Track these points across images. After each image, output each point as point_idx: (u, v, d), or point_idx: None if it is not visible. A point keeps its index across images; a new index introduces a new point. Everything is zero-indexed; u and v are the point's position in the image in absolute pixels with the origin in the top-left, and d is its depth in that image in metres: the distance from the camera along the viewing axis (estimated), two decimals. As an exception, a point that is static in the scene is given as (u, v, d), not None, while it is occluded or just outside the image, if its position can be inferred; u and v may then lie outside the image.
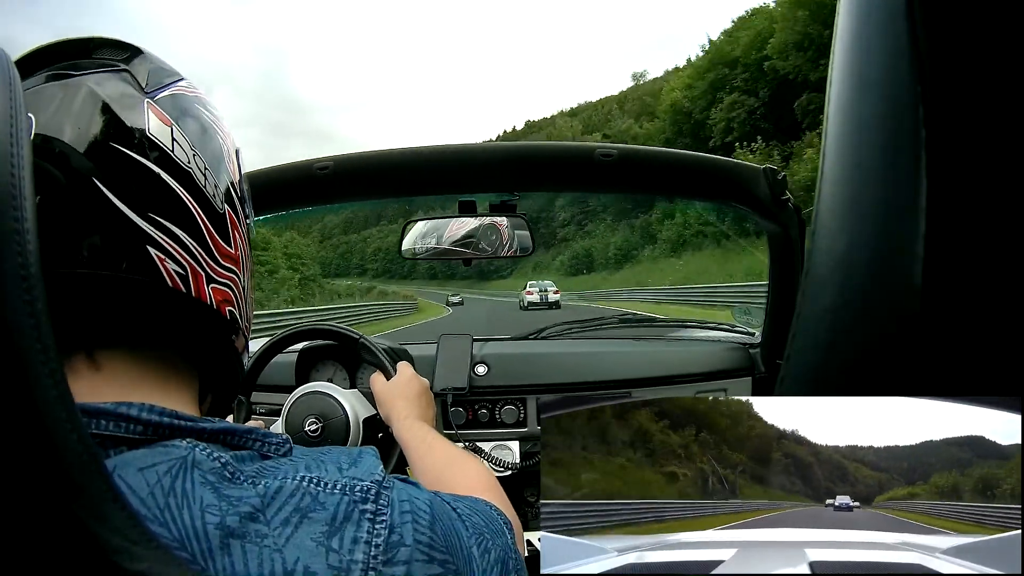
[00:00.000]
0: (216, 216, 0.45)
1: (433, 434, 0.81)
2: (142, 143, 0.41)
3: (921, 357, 0.21)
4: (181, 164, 0.43)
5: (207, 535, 0.33)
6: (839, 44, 0.24)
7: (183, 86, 0.47)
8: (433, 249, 1.17)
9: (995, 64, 0.20)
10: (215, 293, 0.45)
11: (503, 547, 0.49)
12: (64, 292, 0.37)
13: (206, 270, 0.44)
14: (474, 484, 0.62)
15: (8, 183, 0.29)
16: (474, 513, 0.50)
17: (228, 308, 0.47)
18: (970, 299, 0.20)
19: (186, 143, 0.44)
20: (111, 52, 0.44)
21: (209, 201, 0.45)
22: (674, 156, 1.05)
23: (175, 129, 0.43)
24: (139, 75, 0.44)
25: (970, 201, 0.20)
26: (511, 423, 1.18)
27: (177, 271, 0.42)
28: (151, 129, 0.42)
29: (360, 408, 1.01)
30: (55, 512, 0.28)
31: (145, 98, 0.43)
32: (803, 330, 0.25)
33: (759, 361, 1.23)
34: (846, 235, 0.23)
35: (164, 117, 0.43)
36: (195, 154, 0.44)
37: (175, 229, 0.42)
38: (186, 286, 0.42)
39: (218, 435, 0.40)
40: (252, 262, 0.54)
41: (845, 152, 0.24)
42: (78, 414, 0.29)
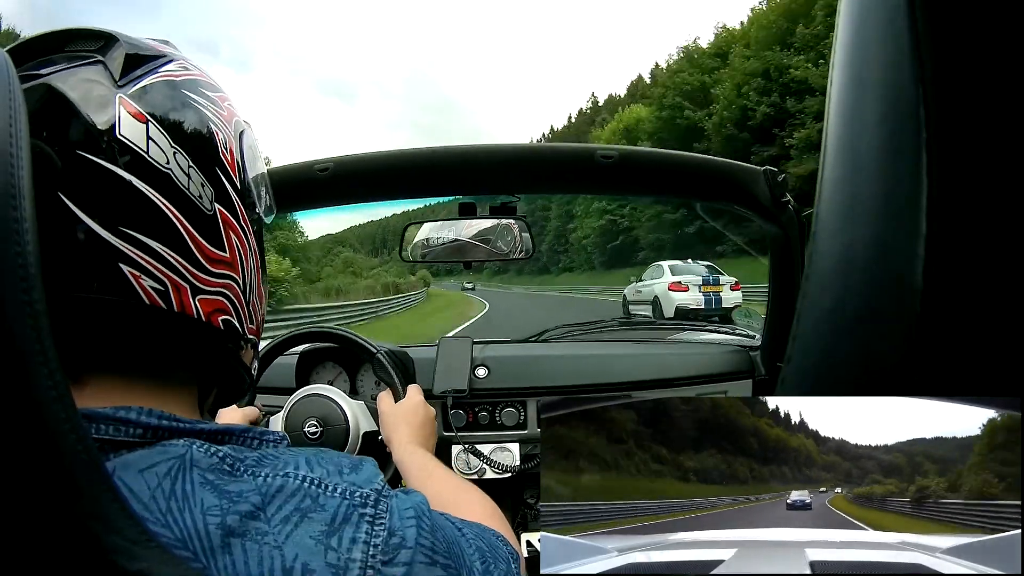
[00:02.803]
0: (203, 219, 0.41)
1: (434, 462, 0.79)
2: (111, 147, 0.37)
3: (921, 357, 0.21)
4: (158, 166, 0.39)
5: (208, 534, 0.33)
6: (839, 44, 0.24)
7: (169, 70, 0.42)
8: (448, 245, 1.15)
9: (995, 65, 0.20)
10: (203, 304, 0.42)
11: (506, 571, 0.48)
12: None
13: (191, 281, 0.40)
14: (477, 513, 0.60)
15: (8, 183, 0.29)
16: (479, 538, 0.49)
17: (222, 318, 0.43)
18: (970, 300, 0.20)
19: (165, 140, 0.39)
20: (84, 43, 0.40)
21: (194, 204, 0.41)
22: (674, 157, 1.05)
23: (151, 125, 0.39)
24: (113, 65, 0.39)
25: (970, 202, 0.20)
26: (511, 425, 1.18)
27: (155, 287, 0.38)
28: (122, 129, 0.37)
29: (363, 420, 1.01)
30: (56, 512, 0.28)
31: (118, 92, 0.38)
32: (803, 332, 0.25)
33: (759, 364, 1.23)
34: (846, 236, 0.23)
35: (138, 112, 0.39)
36: (176, 151, 0.40)
37: (150, 242, 0.38)
38: (166, 302, 0.39)
39: (216, 435, 0.39)
40: (260, 258, 0.49)
41: (845, 153, 0.24)
42: (77, 414, 0.29)
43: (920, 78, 0.20)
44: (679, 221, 29.21)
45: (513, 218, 1.12)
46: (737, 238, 1.58)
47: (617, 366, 1.25)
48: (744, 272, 11.29)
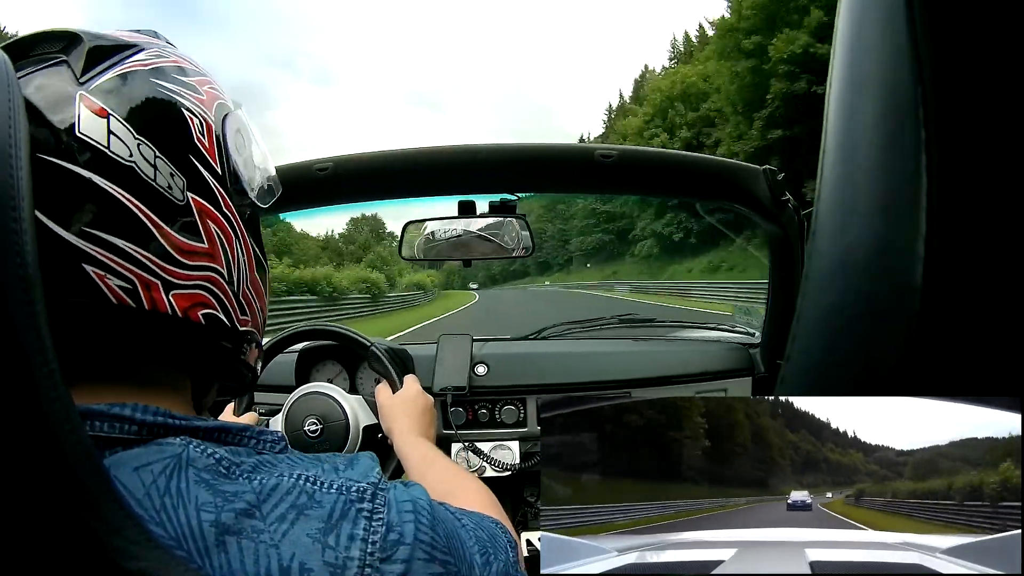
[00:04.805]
0: (174, 210, 0.40)
1: (435, 451, 0.79)
2: (70, 146, 0.36)
3: (921, 357, 0.21)
4: (120, 160, 0.37)
5: (203, 533, 0.33)
6: (839, 44, 0.24)
7: (138, 59, 0.41)
8: (454, 239, 1.14)
9: (994, 64, 0.20)
10: (179, 300, 0.40)
11: (506, 563, 0.49)
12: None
13: (162, 276, 0.39)
14: (476, 502, 0.60)
15: (7, 184, 0.29)
16: (478, 528, 0.49)
17: (202, 311, 0.42)
18: (970, 299, 0.20)
19: (127, 132, 0.38)
20: (50, 44, 0.39)
21: (162, 195, 0.39)
22: (674, 157, 1.05)
23: (112, 119, 0.38)
24: (76, 64, 0.38)
25: (970, 201, 0.20)
26: (511, 423, 1.18)
27: (121, 286, 0.37)
28: (81, 127, 0.36)
29: (362, 415, 1.01)
30: (56, 511, 0.28)
31: (79, 90, 0.37)
32: (803, 330, 0.25)
33: (759, 361, 1.23)
34: (846, 235, 0.23)
35: (98, 107, 0.37)
36: (140, 143, 0.38)
37: (114, 240, 0.37)
38: (135, 299, 0.38)
39: (213, 433, 0.39)
40: (255, 245, 0.48)
41: (845, 153, 0.24)
42: (76, 414, 0.29)
43: (919, 78, 0.20)
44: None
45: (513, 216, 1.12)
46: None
47: (617, 363, 1.25)
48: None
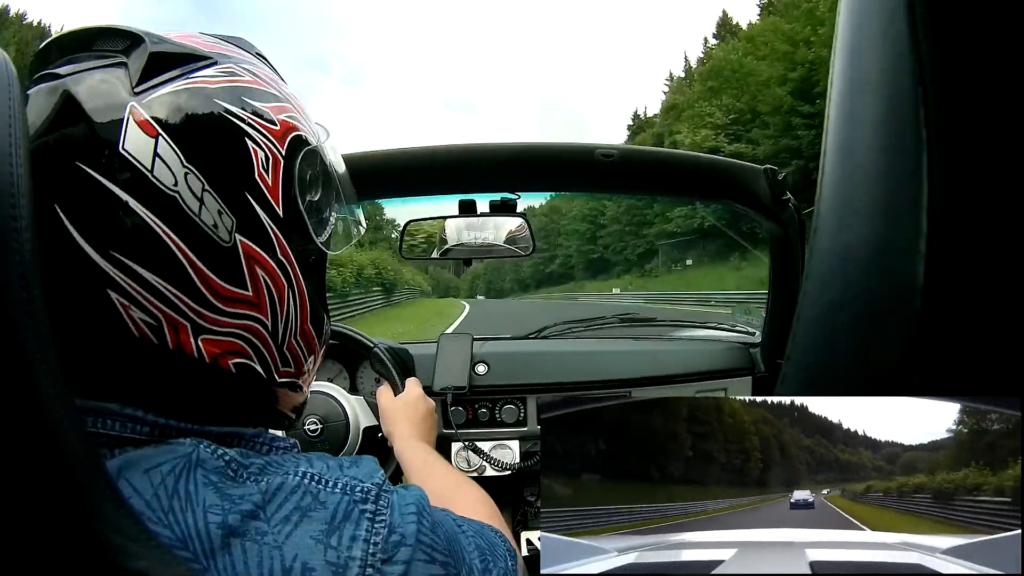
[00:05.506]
0: (216, 251, 0.37)
1: (435, 456, 0.79)
2: (111, 162, 0.33)
3: (921, 356, 0.21)
4: (162, 187, 0.34)
5: (209, 535, 0.33)
6: (839, 45, 0.24)
7: (203, 76, 0.38)
8: (483, 246, 1.14)
9: (995, 65, 0.20)
10: (209, 345, 0.37)
11: (505, 570, 0.48)
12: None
13: (192, 319, 0.36)
14: (476, 510, 0.59)
15: (7, 183, 0.29)
16: (479, 535, 0.49)
17: (234, 360, 0.39)
18: (971, 299, 0.20)
19: (176, 158, 0.35)
20: (110, 42, 0.37)
21: (204, 233, 0.36)
22: (674, 156, 1.05)
23: (162, 140, 0.35)
24: (133, 68, 0.36)
25: (971, 201, 0.20)
26: (511, 422, 1.18)
27: (145, 320, 0.35)
28: (126, 143, 0.34)
29: (362, 416, 1.01)
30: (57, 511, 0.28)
31: (131, 100, 0.35)
32: (804, 330, 0.25)
33: (759, 361, 1.23)
34: (847, 234, 0.23)
35: (148, 124, 0.34)
36: (189, 172, 0.35)
37: (143, 272, 0.34)
38: (159, 337, 0.35)
39: (224, 438, 0.39)
40: (306, 294, 0.43)
41: (845, 152, 0.24)
42: (77, 413, 0.29)
43: (920, 79, 0.20)
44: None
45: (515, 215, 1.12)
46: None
47: (617, 363, 1.25)
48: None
